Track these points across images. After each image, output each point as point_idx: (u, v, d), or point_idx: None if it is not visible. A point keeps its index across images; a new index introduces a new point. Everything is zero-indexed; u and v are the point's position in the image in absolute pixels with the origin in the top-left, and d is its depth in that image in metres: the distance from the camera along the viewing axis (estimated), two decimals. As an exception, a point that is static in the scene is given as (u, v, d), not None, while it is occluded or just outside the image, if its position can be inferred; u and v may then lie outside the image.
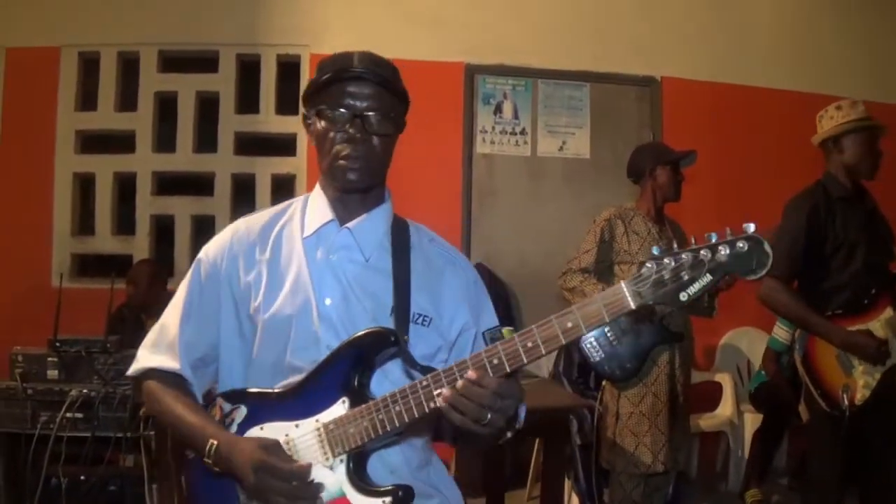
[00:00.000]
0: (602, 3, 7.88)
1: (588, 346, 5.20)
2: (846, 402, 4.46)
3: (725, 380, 7.35)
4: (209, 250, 2.58)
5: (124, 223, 7.59)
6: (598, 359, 5.22)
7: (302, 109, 2.60)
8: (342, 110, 2.41)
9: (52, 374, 4.92)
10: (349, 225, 2.49)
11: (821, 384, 4.60)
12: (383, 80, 2.44)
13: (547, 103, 7.79)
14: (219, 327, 2.53)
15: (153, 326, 2.62)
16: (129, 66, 7.64)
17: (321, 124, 2.44)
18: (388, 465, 2.39)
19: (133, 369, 2.60)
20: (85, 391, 4.78)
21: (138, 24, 7.43)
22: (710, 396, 7.31)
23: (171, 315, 2.57)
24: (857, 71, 8.05)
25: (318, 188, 2.60)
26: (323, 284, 2.44)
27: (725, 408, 7.20)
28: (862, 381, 4.51)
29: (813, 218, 4.67)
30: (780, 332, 6.67)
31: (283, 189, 7.51)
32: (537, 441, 5.68)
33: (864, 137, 4.90)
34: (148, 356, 2.56)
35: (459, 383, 2.09)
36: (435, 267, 2.59)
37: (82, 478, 4.88)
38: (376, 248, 2.53)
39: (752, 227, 1.99)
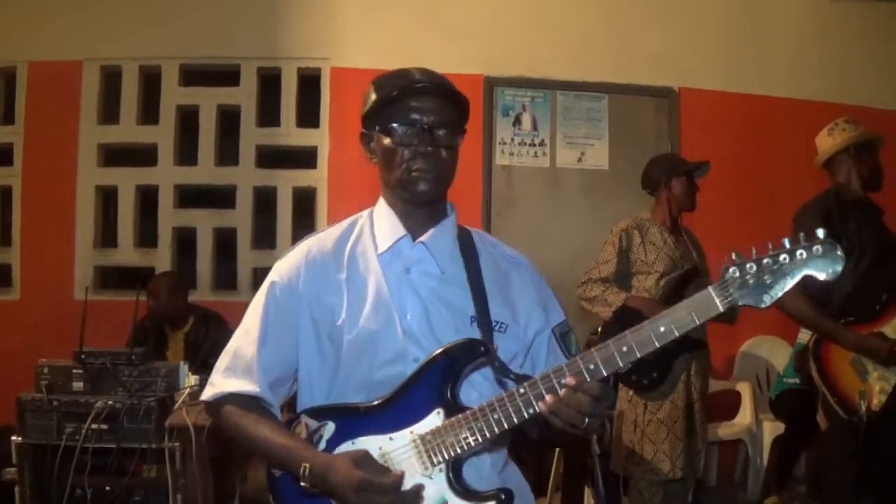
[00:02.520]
0: (620, 15, 7.90)
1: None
2: (863, 408, 4.47)
3: (745, 388, 7.35)
4: (282, 271, 2.60)
5: (146, 236, 7.63)
6: (623, 370, 5.24)
7: (361, 129, 2.63)
8: (410, 125, 2.45)
9: (78, 385, 4.93)
10: (423, 239, 2.54)
11: (837, 391, 4.61)
12: (447, 92, 2.50)
13: (566, 115, 7.82)
14: (297, 347, 2.56)
15: (224, 351, 2.64)
16: (150, 80, 7.69)
17: (387, 140, 2.48)
18: (478, 469, 2.44)
19: (209, 395, 2.61)
20: (110, 403, 4.79)
21: (159, 39, 7.49)
22: (730, 405, 7.31)
23: (245, 338, 2.59)
24: (876, 81, 8.04)
25: (382, 203, 2.64)
26: (403, 299, 2.49)
27: (744, 416, 7.21)
28: (878, 387, 4.53)
29: (826, 223, 4.66)
30: (805, 336, 6.67)
31: (305, 202, 7.54)
32: (557, 450, 5.71)
33: (876, 151, 4.98)
34: (223, 381, 2.57)
35: (561, 392, 2.16)
36: (502, 272, 2.64)
37: (107, 488, 4.88)
38: (449, 260, 2.57)
39: (821, 233, 2.10)
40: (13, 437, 4.88)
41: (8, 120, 7.56)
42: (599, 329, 5.26)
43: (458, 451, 2.28)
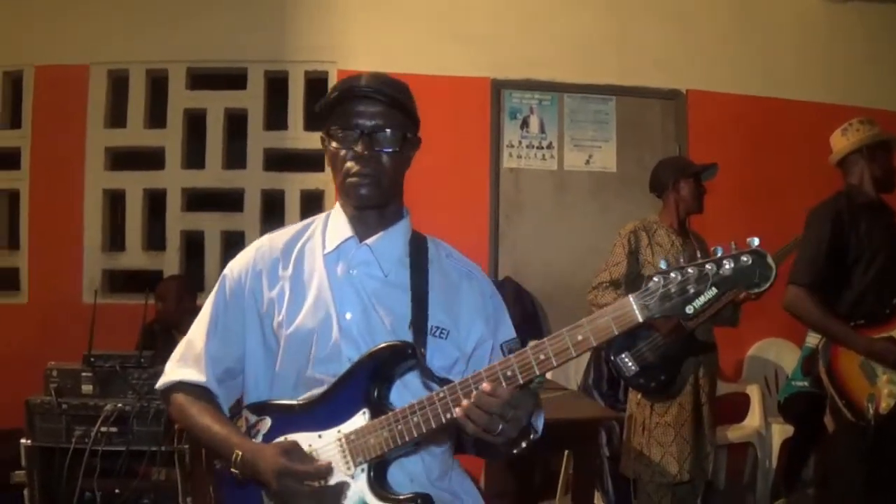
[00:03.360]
0: (627, 18, 7.90)
1: (622, 360, 5.27)
2: (871, 411, 4.46)
3: (753, 391, 7.33)
4: (234, 267, 2.68)
5: (154, 239, 7.64)
6: (632, 373, 5.27)
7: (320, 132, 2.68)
8: (350, 129, 2.48)
9: (87, 388, 4.96)
10: (368, 241, 2.57)
11: (845, 394, 4.61)
12: (389, 98, 2.51)
13: (573, 117, 7.81)
14: (244, 341, 2.62)
15: (181, 341, 2.71)
16: (157, 84, 7.69)
17: (332, 144, 2.53)
18: (409, 473, 2.47)
19: (161, 383, 2.70)
20: (119, 405, 4.82)
21: (166, 42, 7.50)
22: (739, 408, 7.31)
23: (197, 330, 2.67)
24: (884, 82, 8.03)
25: (337, 206, 2.69)
26: (343, 299, 2.53)
27: (753, 419, 7.20)
28: (886, 390, 4.51)
29: (837, 226, 4.71)
30: (813, 340, 6.68)
31: (312, 204, 7.54)
32: (566, 452, 5.71)
33: (890, 152, 4.96)
34: (175, 369, 2.67)
35: (473, 394, 2.16)
36: (452, 281, 2.66)
37: (116, 491, 4.89)
38: (395, 264, 2.60)
39: (755, 242, 2.06)
40: (22, 440, 4.90)
41: (15, 124, 7.57)
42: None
43: (379, 452, 2.32)
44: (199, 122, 7.67)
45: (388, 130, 2.50)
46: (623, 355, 5.25)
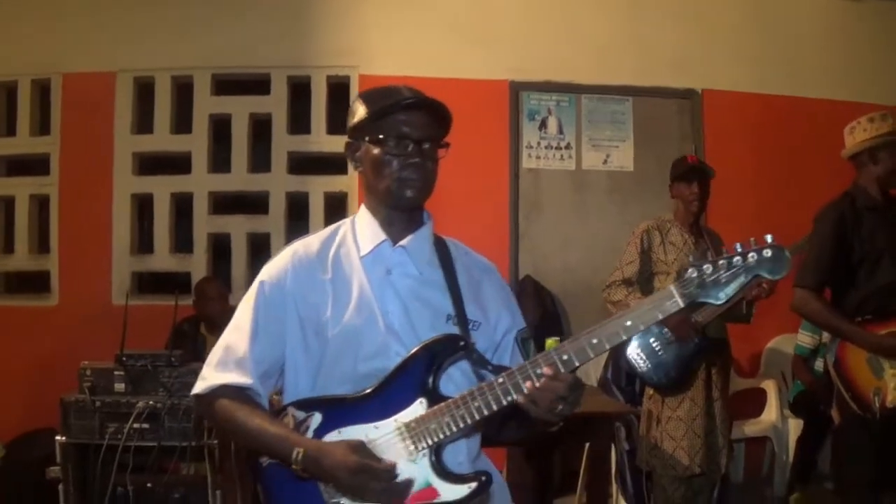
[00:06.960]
0: (642, 19, 7.97)
1: (635, 356, 5.38)
2: (877, 404, 4.52)
3: (770, 386, 7.41)
4: (271, 272, 2.75)
5: (182, 242, 7.75)
6: (644, 369, 5.39)
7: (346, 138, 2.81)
8: (402, 138, 2.62)
9: (119, 387, 5.04)
10: (402, 243, 2.71)
11: (852, 387, 4.66)
12: (434, 110, 2.67)
13: (590, 118, 7.90)
14: (284, 344, 2.70)
15: (215, 347, 2.75)
16: (183, 90, 7.80)
17: (377, 150, 2.64)
18: (454, 456, 2.59)
19: (200, 388, 2.71)
20: (151, 403, 4.92)
21: (191, 49, 7.61)
22: (755, 402, 7.38)
23: (236, 334, 2.71)
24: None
25: (364, 211, 2.81)
26: (385, 299, 2.65)
27: (770, 413, 7.27)
28: (893, 384, 4.52)
29: (839, 228, 4.75)
30: (804, 337, 6.79)
31: (336, 207, 7.64)
32: (587, 447, 5.82)
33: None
34: (215, 374, 2.69)
35: (538, 379, 2.36)
36: (474, 276, 2.82)
37: (148, 486, 5.01)
38: (427, 264, 2.75)
39: (769, 238, 2.36)
40: (57, 437, 5.01)
41: (44, 130, 7.68)
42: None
43: (441, 436, 2.45)
44: (224, 126, 7.77)
45: (433, 141, 2.67)
46: (637, 351, 5.37)
